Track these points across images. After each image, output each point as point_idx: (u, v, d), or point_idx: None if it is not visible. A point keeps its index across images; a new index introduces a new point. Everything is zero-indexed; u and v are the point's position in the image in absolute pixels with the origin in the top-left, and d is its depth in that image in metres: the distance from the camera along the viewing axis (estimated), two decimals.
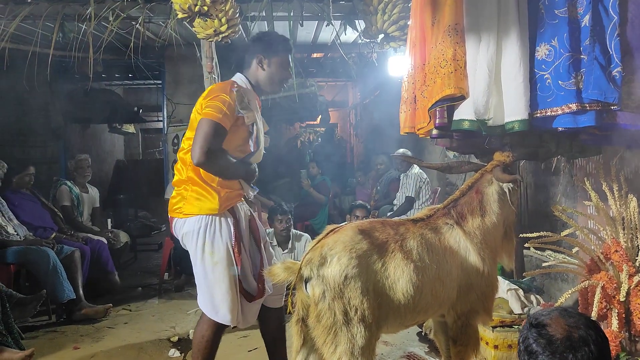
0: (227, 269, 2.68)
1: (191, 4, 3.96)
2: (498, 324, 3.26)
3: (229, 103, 2.61)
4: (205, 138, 2.51)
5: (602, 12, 2.34)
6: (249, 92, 2.82)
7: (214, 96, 2.65)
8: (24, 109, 6.98)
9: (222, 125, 2.57)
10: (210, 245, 2.67)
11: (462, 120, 2.66)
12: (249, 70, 2.89)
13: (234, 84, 2.76)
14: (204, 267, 2.70)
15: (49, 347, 4.06)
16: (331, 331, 2.15)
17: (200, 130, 2.54)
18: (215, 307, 2.70)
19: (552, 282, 4.07)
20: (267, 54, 2.85)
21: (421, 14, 2.95)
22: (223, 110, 2.58)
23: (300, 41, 6.66)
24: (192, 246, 2.72)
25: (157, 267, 6.65)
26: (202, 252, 2.69)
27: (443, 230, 2.51)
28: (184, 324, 4.55)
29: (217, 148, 2.58)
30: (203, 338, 2.74)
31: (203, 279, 2.72)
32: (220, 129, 2.57)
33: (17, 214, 5.06)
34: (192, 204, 2.69)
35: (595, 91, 2.28)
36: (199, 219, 2.68)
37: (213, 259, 2.68)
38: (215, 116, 2.56)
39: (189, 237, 2.71)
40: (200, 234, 2.68)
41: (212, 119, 2.55)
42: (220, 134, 2.58)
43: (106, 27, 4.66)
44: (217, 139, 2.56)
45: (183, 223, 2.73)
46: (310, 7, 4.74)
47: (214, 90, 2.74)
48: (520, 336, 1.50)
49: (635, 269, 2.52)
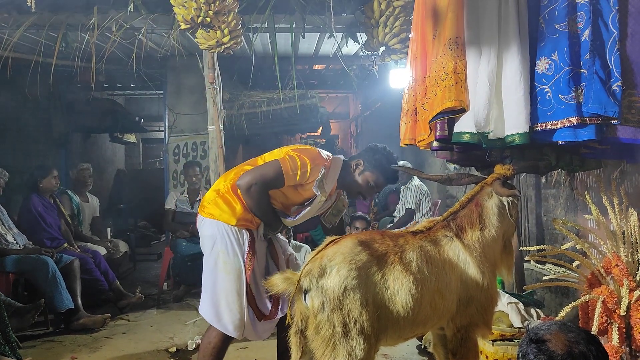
0: (237, 281, 2.71)
1: (194, 15, 3.99)
2: (498, 338, 3.24)
3: (306, 170, 2.71)
4: (262, 175, 2.65)
5: (602, 27, 2.35)
6: (332, 176, 2.86)
7: (302, 155, 2.74)
8: (26, 117, 7.00)
9: (284, 178, 2.68)
10: (225, 254, 2.71)
11: (462, 133, 2.67)
12: (350, 162, 2.95)
13: (327, 163, 2.82)
14: (216, 274, 2.73)
15: (46, 356, 4.03)
16: (330, 343, 2.13)
17: (266, 166, 2.70)
18: (218, 315, 2.71)
19: (552, 296, 4.06)
20: (367, 166, 2.90)
21: (422, 27, 2.97)
22: (296, 170, 2.69)
23: (302, 53, 6.70)
24: (207, 250, 2.77)
25: (156, 277, 6.63)
26: (216, 259, 2.73)
27: (442, 243, 2.50)
28: (182, 334, 4.52)
29: (263, 190, 2.68)
30: (210, 344, 2.75)
31: (211, 286, 2.75)
32: (280, 180, 2.68)
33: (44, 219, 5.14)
34: (215, 207, 2.76)
35: (595, 105, 2.28)
36: (218, 225, 2.73)
37: (226, 268, 2.71)
38: (285, 167, 2.67)
39: (207, 240, 2.77)
40: (217, 240, 2.73)
41: (282, 168, 2.67)
42: (275, 182, 2.69)
43: (109, 37, 4.70)
44: (270, 183, 2.68)
45: (203, 223, 2.80)
46: (312, 20, 4.78)
47: (307, 151, 2.82)
48: (520, 351, 1.49)
49: (635, 283, 2.51)
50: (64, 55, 5.14)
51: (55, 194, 5.49)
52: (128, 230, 7.82)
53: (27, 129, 7.08)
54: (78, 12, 4.78)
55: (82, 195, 6.14)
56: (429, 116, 2.78)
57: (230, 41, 4.16)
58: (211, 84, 4.44)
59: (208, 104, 4.49)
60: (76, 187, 6.21)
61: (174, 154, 6.94)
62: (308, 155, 2.77)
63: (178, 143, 6.90)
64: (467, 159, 3.18)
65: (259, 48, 6.24)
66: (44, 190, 5.30)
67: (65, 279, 4.71)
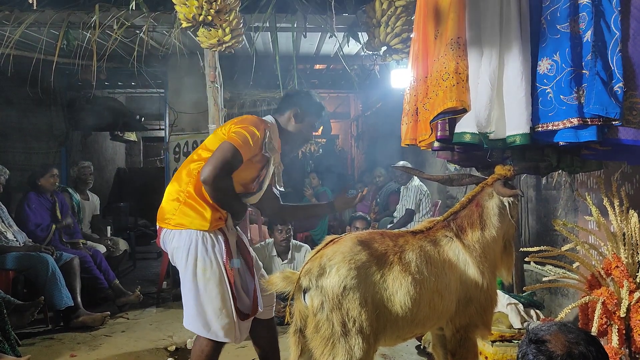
0: (219, 286, 2.63)
1: (195, 14, 3.98)
2: (497, 339, 3.24)
3: (257, 138, 2.66)
4: (222, 160, 2.55)
5: (604, 28, 2.35)
6: (275, 136, 2.86)
7: (245, 126, 2.68)
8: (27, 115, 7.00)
9: (241, 154, 2.60)
10: (203, 262, 2.62)
11: (463, 133, 2.66)
12: (281, 117, 2.94)
13: (267, 124, 2.81)
14: (196, 283, 2.64)
15: (45, 354, 4.04)
16: (329, 342, 2.13)
17: (220, 151, 2.58)
18: (207, 325, 2.63)
19: (552, 297, 4.05)
20: (303, 111, 2.92)
21: (424, 27, 2.97)
22: (248, 142, 2.62)
23: (303, 52, 6.69)
24: (182, 262, 2.65)
25: (155, 276, 6.63)
26: (193, 268, 2.63)
27: (442, 243, 2.50)
28: (181, 333, 4.52)
29: (228, 174, 2.62)
30: (202, 353, 2.69)
31: (194, 296, 2.65)
32: (239, 157, 2.60)
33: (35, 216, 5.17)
34: (182, 216, 2.65)
35: (596, 106, 2.28)
36: (190, 233, 2.63)
37: (205, 275, 2.62)
38: (238, 144, 2.59)
39: (179, 252, 2.66)
40: (191, 249, 2.62)
41: (235, 146, 2.58)
42: (236, 162, 2.61)
43: (110, 35, 4.70)
44: (231, 165, 2.60)
45: (172, 236, 2.68)
46: (313, 19, 4.78)
47: (247, 120, 2.78)
48: (519, 352, 1.48)
49: (636, 285, 2.51)
50: (65, 53, 5.14)
51: (55, 192, 5.50)
52: (128, 229, 7.81)
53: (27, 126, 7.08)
54: (79, 10, 4.78)
55: (82, 193, 6.15)
56: (430, 116, 2.77)
57: (232, 40, 4.16)
58: (212, 82, 4.44)
59: (209, 103, 4.49)
60: (77, 185, 6.22)
61: (175, 152, 6.93)
62: (251, 123, 2.71)
63: (179, 142, 6.89)
64: (468, 160, 3.17)
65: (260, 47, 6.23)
66: (42, 188, 5.30)
67: (65, 277, 4.71)
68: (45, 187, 5.32)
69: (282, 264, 4.97)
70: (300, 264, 4.90)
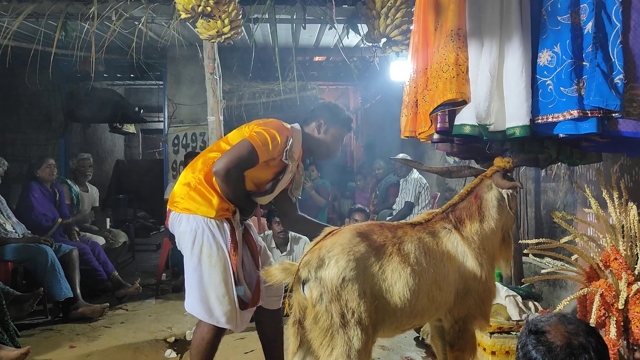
0: (223, 273, 2.66)
1: (194, 5, 3.96)
2: (496, 330, 3.25)
3: (277, 142, 2.70)
4: (237, 157, 2.59)
5: (605, 20, 2.33)
6: (297, 144, 2.89)
7: (267, 128, 2.72)
8: (26, 107, 6.98)
9: (258, 155, 2.64)
10: (209, 248, 2.65)
11: (463, 125, 2.65)
12: (307, 127, 2.97)
13: (291, 132, 2.83)
14: (201, 269, 2.67)
15: (45, 345, 4.04)
16: (328, 333, 2.14)
17: (237, 147, 2.63)
18: (210, 310, 2.66)
19: (550, 289, 4.06)
20: (328, 123, 2.94)
21: (424, 18, 2.95)
22: (267, 144, 2.66)
23: (303, 44, 6.68)
24: (188, 246, 2.69)
25: (155, 268, 6.64)
26: (199, 254, 2.66)
27: (441, 235, 2.50)
28: (180, 324, 4.53)
29: (241, 171, 2.65)
30: (203, 340, 2.71)
31: (197, 282, 2.68)
32: (254, 157, 2.64)
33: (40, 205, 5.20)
34: (190, 201, 2.69)
35: (597, 98, 2.27)
36: (197, 219, 2.66)
37: (211, 261, 2.66)
38: (257, 144, 2.63)
39: (185, 237, 2.69)
40: (198, 235, 2.66)
41: (254, 145, 2.62)
42: (251, 161, 2.65)
43: (109, 26, 4.68)
44: (246, 163, 2.63)
45: (179, 220, 2.72)
46: (313, 11, 4.75)
47: (271, 123, 2.81)
48: (519, 342, 1.49)
49: (634, 277, 2.51)
50: (63, 45, 5.12)
51: (54, 183, 5.50)
52: (127, 221, 7.81)
53: (26, 118, 7.07)
54: (78, 1, 4.75)
55: (81, 185, 6.14)
56: (429, 108, 2.76)
57: (231, 31, 4.14)
58: (211, 74, 4.43)
59: (208, 95, 4.48)
60: (76, 177, 6.21)
61: (174, 144, 6.93)
62: (274, 127, 2.74)
63: (178, 134, 6.90)
64: (467, 152, 3.17)
65: (259, 39, 6.22)
66: (42, 179, 5.31)
67: (64, 268, 4.72)
68: (43, 177, 5.33)
69: (281, 256, 4.98)
70: (299, 255, 4.90)
